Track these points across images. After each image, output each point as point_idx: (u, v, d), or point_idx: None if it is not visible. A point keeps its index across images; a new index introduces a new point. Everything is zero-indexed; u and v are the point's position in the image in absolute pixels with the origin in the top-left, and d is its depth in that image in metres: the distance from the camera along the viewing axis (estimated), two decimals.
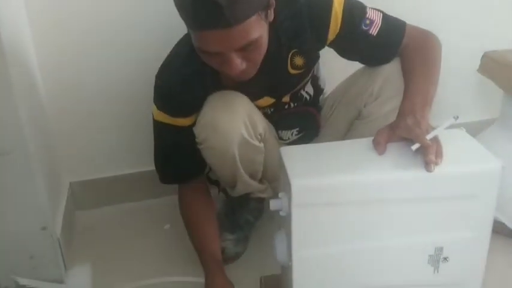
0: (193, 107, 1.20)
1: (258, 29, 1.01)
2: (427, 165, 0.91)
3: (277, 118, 1.36)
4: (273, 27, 1.14)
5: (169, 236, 1.50)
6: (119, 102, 1.56)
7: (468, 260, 1.01)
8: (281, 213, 0.98)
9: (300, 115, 1.38)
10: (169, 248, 1.45)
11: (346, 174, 0.93)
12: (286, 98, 1.33)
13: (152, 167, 1.34)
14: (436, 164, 0.91)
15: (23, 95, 1.20)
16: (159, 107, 1.22)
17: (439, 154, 0.93)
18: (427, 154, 0.91)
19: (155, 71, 1.22)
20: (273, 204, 0.98)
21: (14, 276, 1.23)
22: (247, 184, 1.32)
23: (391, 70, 1.23)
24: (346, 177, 0.93)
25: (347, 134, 1.37)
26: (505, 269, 1.31)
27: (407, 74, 1.17)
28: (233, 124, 1.17)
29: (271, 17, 1.08)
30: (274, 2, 1.07)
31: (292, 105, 1.35)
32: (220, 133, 1.16)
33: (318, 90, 1.41)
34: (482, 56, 1.59)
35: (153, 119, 1.24)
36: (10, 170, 1.15)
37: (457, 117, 0.96)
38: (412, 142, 0.95)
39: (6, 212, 1.19)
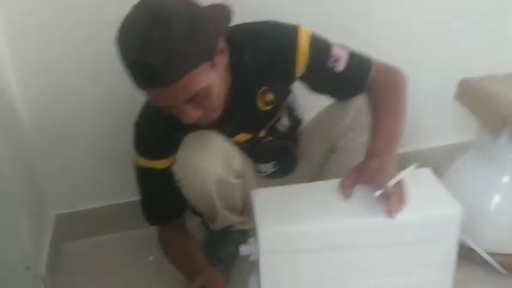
0: (171, 148, 1.24)
1: (203, 80, 1.03)
2: (389, 213, 0.95)
3: (255, 152, 1.40)
4: (239, 67, 1.18)
5: (154, 268, 1.53)
6: (104, 134, 1.59)
7: None
8: (251, 258, 1.01)
9: (277, 149, 1.41)
10: (155, 280, 1.47)
11: (313, 221, 0.97)
12: (262, 133, 1.37)
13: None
14: (398, 210, 0.95)
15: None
16: (139, 153, 1.26)
17: (401, 200, 0.97)
18: (389, 202, 0.95)
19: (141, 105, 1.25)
20: (244, 250, 1.02)
21: None
22: (226, 218, 1.36)
23: (362, 105, 1.26)
24: (312, 225, 0.97)
25: (323, 166, 1.40)
26: None
27: (374, 111, 1.20)
28: (209, 163, 1.21)
29: (224, 61, 1.11)
30: (225, 47, 1.10)
31: (269, 139, 1.39)
32: (197, 172, 1.21)
33: (295, 121, 1.44)
34: (459, 82, 1.59)
35: (135, 165, 1.28)
36: None
37: (417, 165, 1.00)
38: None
39: None
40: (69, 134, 1.58)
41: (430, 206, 0.99)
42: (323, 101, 1.41)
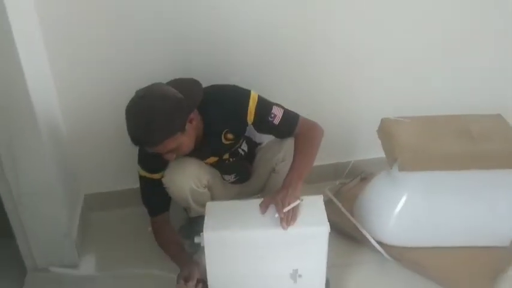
0: (162, 166, 1.88)
1: (176, 141, 1.61)
2: (282, 227, 1.58)
3: (221, 167, 2.03)
4: (209, 119, 1.78)
5: (151, 237, 2.15)
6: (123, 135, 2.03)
7: (313, 275, 1.69)
8: (202, 244, 1.65)
9: (236, 166, 2.04)
10: (151, 247, 2.06)
11: (239, 229, 1.61)
12: (226, 156, 1.98)
13: None
14: (289, 225, 1.58)
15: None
16: (141, 167, 1.89)
17: (292, 219, 1.59)
18: (281, 222, 1.58)
19: None
20: (197, 239, 1.65)
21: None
22: (198, 211, 1.99)
23: (291, 144, 1.88)
24: (239, 232, 1.61)
25: (267, 180, 2.03)
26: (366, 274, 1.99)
27: (295, 153, 1.81)
28: (184, 181, 1.85)
29: (194, 124, 1.69)
30: (194, 116, 1.69)
31: (231, 159, 2.01)
32: (176, 187, 1.85)
33: (253, 144, 2.04)
34: (381, 120, 2.06)
35: (138, 174, 1.92)
36: (43, 204, 1.86)
37: (302, 199, 1.62)
38: None
39: (40, 226, 1.91)
40: (97, 135, 2.18)
41: (309, 224, 1.61)
42: None
